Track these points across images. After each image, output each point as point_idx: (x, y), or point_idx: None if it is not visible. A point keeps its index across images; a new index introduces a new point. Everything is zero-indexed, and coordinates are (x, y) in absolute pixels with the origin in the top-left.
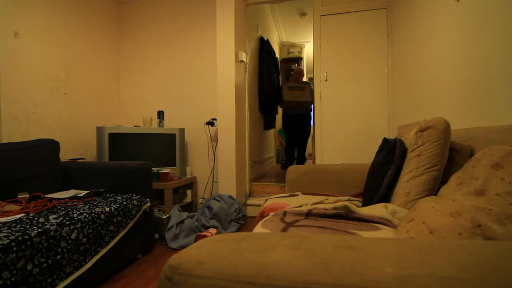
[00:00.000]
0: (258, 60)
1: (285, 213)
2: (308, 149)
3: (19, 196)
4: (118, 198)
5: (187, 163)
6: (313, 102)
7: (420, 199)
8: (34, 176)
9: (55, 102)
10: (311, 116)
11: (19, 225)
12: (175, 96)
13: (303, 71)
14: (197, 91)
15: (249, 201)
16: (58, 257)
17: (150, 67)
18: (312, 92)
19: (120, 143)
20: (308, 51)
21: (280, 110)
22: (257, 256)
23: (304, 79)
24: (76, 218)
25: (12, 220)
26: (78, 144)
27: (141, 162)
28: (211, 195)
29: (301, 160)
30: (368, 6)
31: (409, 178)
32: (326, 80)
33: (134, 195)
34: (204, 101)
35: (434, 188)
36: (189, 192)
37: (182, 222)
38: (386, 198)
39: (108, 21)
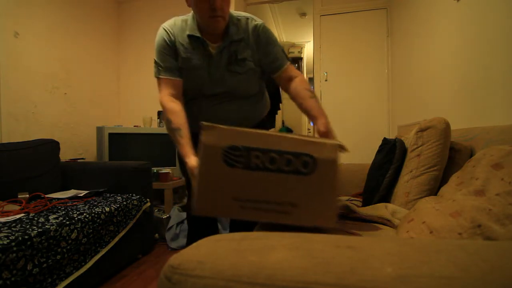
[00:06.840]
0: None
1: None
2: None
3: (19, 196)
4: (118, 198)
5: None
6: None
7: (420, 199)
8: (34, 176)
9: (55, 102)
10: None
11: (19, 225)
12: None
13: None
14: None
15: None
16: (58, 257)
17: (150, 67)
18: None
19: (120, 143)
20: (308, 51)
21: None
22: (257, 256)
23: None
24: (76, 218)
25: (12, 220)
26: (78, 144)
27: (141, 162)
28: None
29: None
30: (368, 6)
31: (409, 178)
32: (326, 80)
33: (134, 195)
34: None
35: (434, 188)
36: None
37: (182, 222)
38: (386, 198)
39: (108, 21)
